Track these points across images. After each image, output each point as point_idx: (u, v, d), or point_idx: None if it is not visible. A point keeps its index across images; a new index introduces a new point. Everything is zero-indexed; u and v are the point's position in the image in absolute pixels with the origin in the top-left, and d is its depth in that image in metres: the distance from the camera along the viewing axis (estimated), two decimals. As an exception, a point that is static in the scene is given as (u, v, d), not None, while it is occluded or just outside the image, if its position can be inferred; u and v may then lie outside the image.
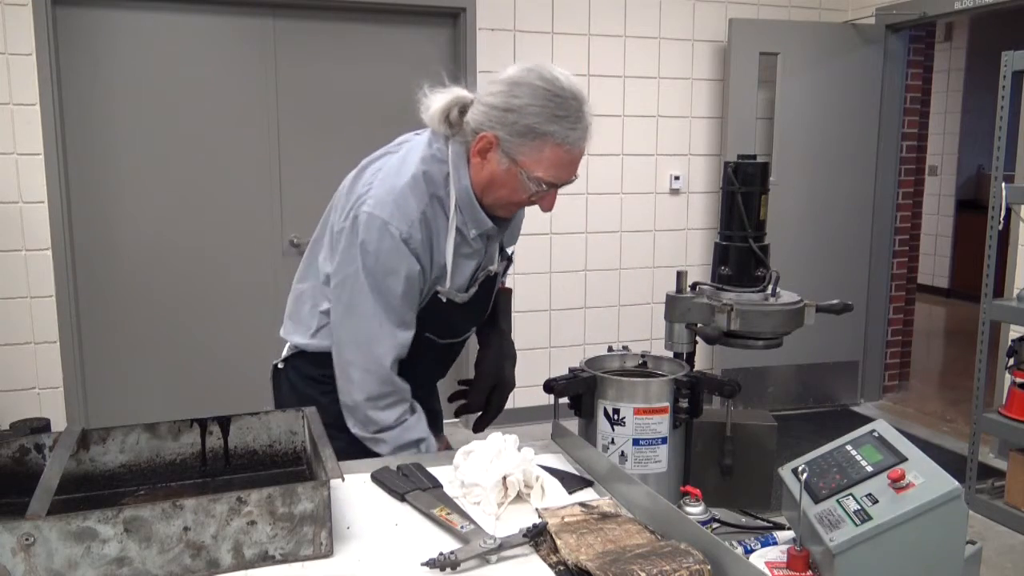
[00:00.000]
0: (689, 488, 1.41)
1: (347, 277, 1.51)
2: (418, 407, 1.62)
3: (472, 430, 1.81)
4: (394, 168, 1.53)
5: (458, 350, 1.78)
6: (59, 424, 3.85)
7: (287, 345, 1.75)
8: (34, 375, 3.88)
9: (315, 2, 4.13)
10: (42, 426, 3.70)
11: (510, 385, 1.82)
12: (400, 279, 1.49)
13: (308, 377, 1.69)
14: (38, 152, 3.75)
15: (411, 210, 1.48)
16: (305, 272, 1.71)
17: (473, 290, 1.63)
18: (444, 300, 1.58)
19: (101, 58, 3.90)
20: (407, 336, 1.55)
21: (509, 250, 1.75)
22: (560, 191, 1.55)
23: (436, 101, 1.51)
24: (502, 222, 1.61)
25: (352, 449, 1.54)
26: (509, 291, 1.85)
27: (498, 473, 1.25)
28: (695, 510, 1.37)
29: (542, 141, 1.44)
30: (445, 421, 1.93)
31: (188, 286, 4.15)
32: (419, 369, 1.64)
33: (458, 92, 1.52)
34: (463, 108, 1.50)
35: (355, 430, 1.58)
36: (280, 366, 1.75)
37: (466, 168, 1.52)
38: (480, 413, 1.82)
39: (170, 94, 4.02)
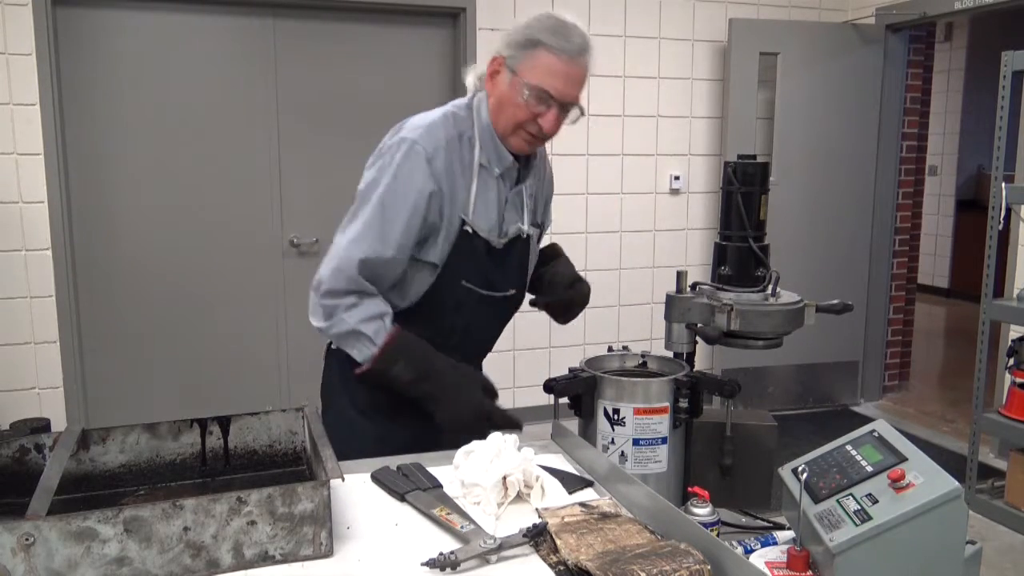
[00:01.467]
0: (697, 489, 1.40)
1: (360, 192, 1.61)
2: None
3: (560, 323, 1.86)
4: (425, 113, 1.67)
5: (507, 310, 1.79)
6: (59, 424, 3.85)
7: None
8: (34, 375, 3.88)
9: (315, 2, 4.13)
10: (42, 426, 3.71)
11: (587, 284, 1.86)
12: (410, 201, 1.56)
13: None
14: (38, 152, 3.75)
15: (439, 136, 1.60)
16: None
17: (504, 240, 1.68)
18: (471, 232, 1.62)
19: (101, 58, 3.90)
20: (391, 256, 1.58)
21: (545, 238, 1.84)
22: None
23: (477, 69, 1.70)
24: (523, 160, 1.71)
25: (399, 435, 1.58)
26: (556, 245, 1.94)
27: (498, 473, 1.25)
28: (703, 511, 1.36)
29: (536, 49, 1.57)
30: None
31: (188, 286, 4.15)
32: (471, 326, 1.70)
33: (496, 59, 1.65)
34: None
35: (314, 319, 1.62)
36: (333, 346, 1.77)
37: (487, 108, 1.65)
38: (559, 313, 1.86)
39: (170, 94, 4.01)
